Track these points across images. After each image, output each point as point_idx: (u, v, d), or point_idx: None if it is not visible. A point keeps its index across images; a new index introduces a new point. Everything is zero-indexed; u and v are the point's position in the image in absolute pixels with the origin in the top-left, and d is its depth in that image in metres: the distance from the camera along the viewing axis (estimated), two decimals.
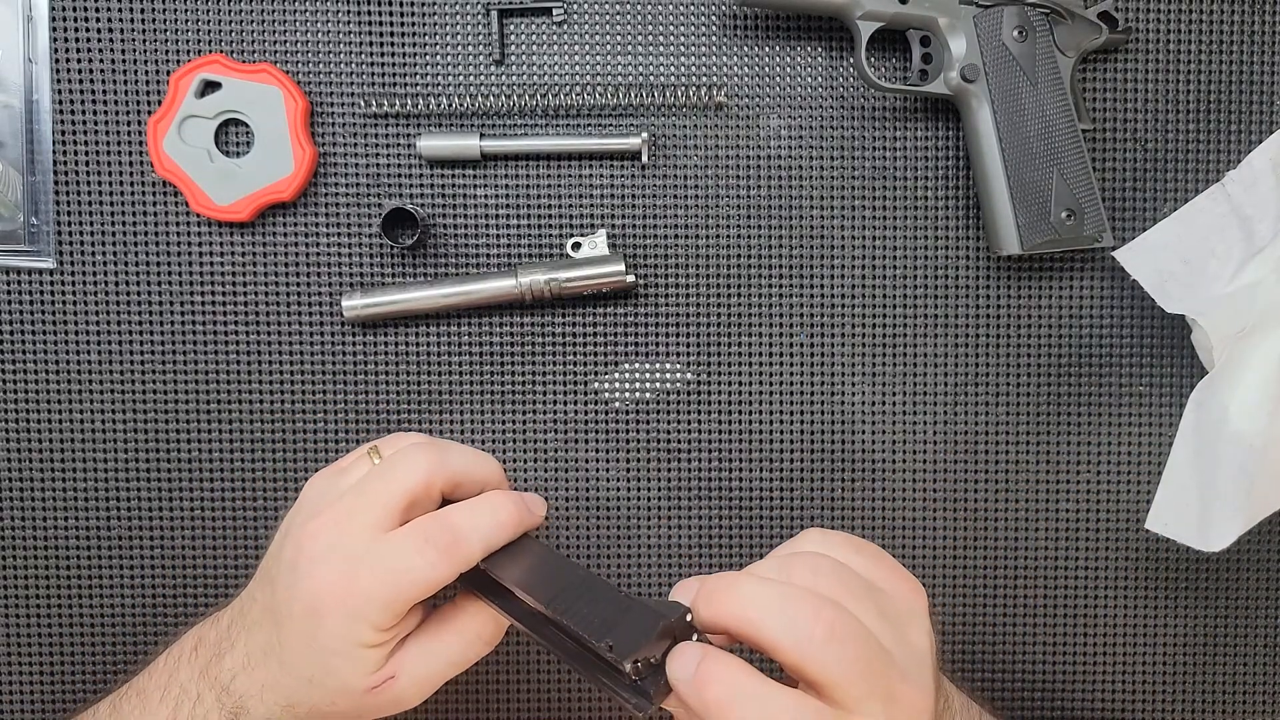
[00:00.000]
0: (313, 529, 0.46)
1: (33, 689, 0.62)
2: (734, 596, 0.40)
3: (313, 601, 0.45)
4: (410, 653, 0.47)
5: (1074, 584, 0.62)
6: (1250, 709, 0.63)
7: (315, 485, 0.49)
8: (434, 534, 0.45)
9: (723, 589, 0.41)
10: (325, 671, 0.46)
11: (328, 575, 0.45)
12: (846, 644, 0.40)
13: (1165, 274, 0.57)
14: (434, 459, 0.47)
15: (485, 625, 0.49)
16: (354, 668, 0.46)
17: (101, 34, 0.59)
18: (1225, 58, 0.61)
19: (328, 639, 0.45)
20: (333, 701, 0.47)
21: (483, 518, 0.47)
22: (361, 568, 0.45)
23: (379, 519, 0.46)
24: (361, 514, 0.46)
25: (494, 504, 0.48)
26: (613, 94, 0.59)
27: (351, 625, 0.45)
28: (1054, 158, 0.57)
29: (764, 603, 0.40)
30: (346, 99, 0.60)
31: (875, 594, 0.43)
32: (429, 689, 0.48)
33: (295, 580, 0.46)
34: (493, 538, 0.47)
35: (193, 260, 0.60)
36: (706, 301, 0.61)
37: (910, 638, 0.43)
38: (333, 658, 0.45)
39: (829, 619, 0.40)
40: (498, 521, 0.47)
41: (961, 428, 0.62)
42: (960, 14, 0.57)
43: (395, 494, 0.46)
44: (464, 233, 0.61)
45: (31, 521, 0.61)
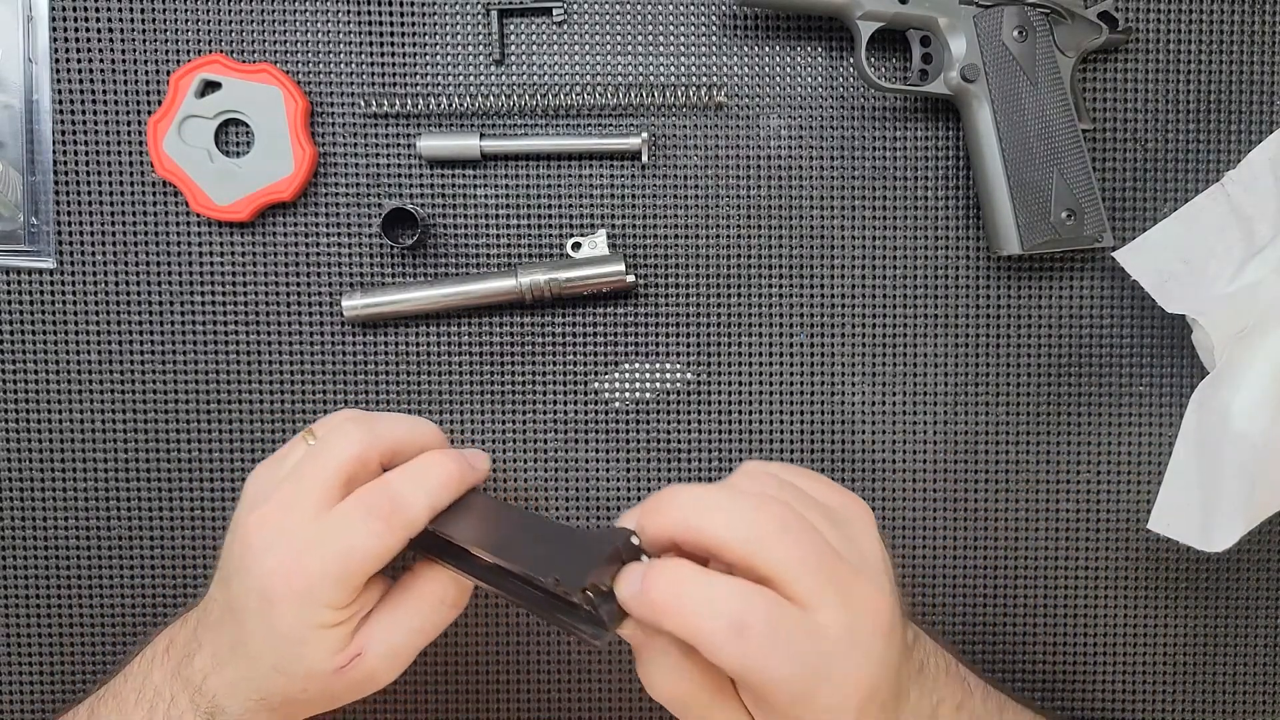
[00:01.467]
0: (255, 520, 0.46)
1: (32, 689, 0.62)
2: (677, 503, 0.40)
3: (264, 590, 0.45)
4: (374, 627, 0.47)
5: (1074, 584, 0.62)
6: (1251, 709, 0.63)
7: (257, 477, 0.49)
8: (374, 503, 0.45)
9: (665, 499, 0.40)
10: (289, 658, 0.45)
11: (275, 562, 0.45)
12: (797, 535, 0.39)
13: (1165, 274, 0.57)
14: (365, 430, 0.47)
15: (446, 589, 0.48)
16: (317, 650, 0.45)
17: (101, 34, 0.59)
18: (1225, 58, 0.61)
19: (285, 625, 0.45)
20: (303, 688, 0.46)
21: (423, 479, 0.46)
22: (307, 549, 0.44)
23: (319, 499, 0.45)
24: (301, 497, 0.45)
25: (433, 464, 0.47)
26: (613, 94, 0.59)
27: (305, 608, 0.44)
28: (1054, 158, 0.57)
29: (709, 503, 0.39)
30: (346, 99, 0.60)
31: (821, 506, 0.42)
32: (400, 662, 0.47)
33: (245, 573, 0.45)
34: (436, 498, 0.46)
35: (193, 260, 0.60)
36: (706, 301, 0.61)
37: (861, 545, 0.42)
38: (294, 644, 0.45)
39: (778, 513, 0.39)
40: (439, 481, 0.46)
41: (961, 428, 0.62)
42: (960, 14, 0.57)
43: (331, 472, 0.46)
44: (464, 233, 0.61)
45: (31, 521, 0.61)
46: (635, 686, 0.62)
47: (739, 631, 0.37)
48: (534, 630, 0.62)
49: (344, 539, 0.44)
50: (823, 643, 0.38)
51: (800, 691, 0.38)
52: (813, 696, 0.38)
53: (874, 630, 0.40)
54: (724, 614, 0.37)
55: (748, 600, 0.37)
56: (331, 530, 0.45)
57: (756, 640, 0.37)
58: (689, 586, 0.38)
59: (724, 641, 0.37)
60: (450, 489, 0.47)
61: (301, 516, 0.45)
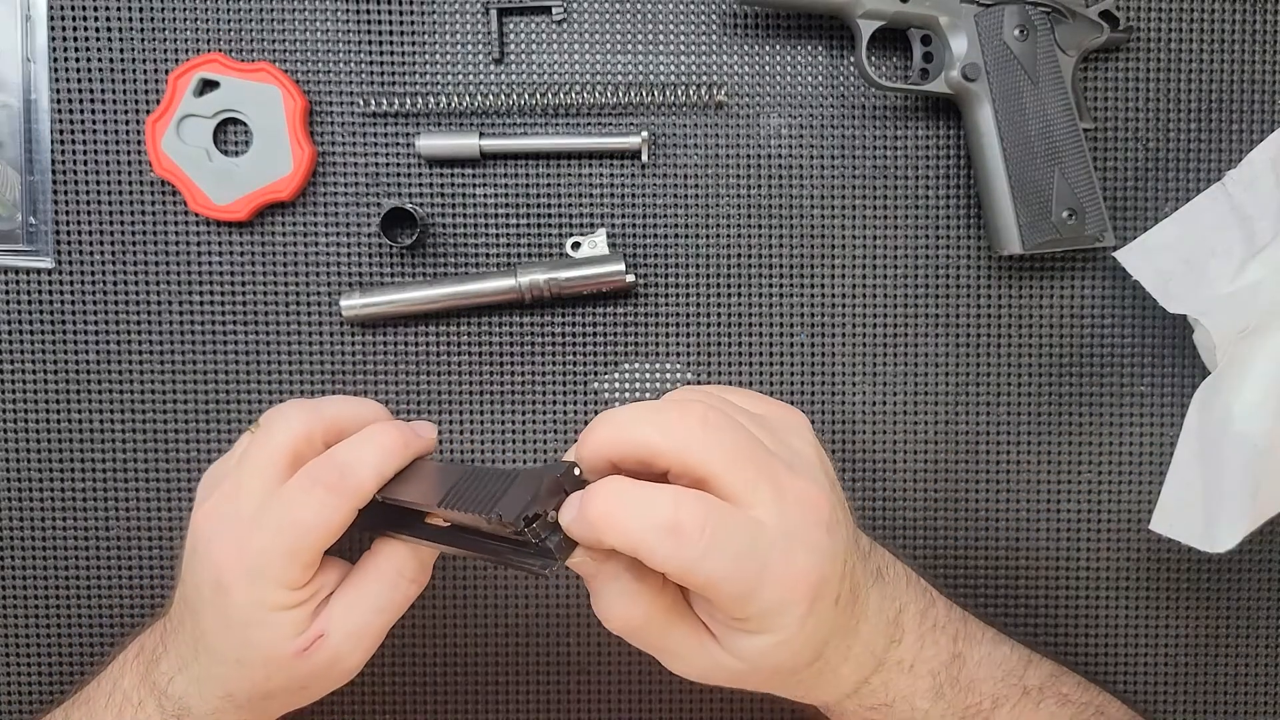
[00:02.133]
0: (204, 511, 0.46)
1: (32, 689, 0.61)
2: (609, 422, 0.40)
3: (215, 576, 0.44)
4: (335, 608, 0.46)
5: (1075, 584, 0.62)
6: (1252, 710, 0.63)
7: (208, 474, 0.49)
8: (320, 474, 0.44)
9: (598, 421, 0.41)
10: (247, 645, 0.45)
11: (224, 546, 0.44)
12: (724, 431, 0.40)
13: (1166, 274, 0.57)
14: (307, 410, 0.47)
15: (405, 562, 0.47)
16: (275, 634, 0.45)
17: (100, 33, 0.59)
18: (1226, 57, 0.61)
19: (239, 610, 0.44)
20: (266, 676, 0.46)
21: (367, 448, 0.46)
22: (255, 528, 0.44)
23: (265, 482, 0.45)
24: (246, 482, 0.45)
25: (376, 432, 0.46)
26: (613, 93, 0.59)
27: (258, 588, 0.44)
28: (1055, 157, 0.57)
29: (637, 417, 0.40)
30: (346, 98, 0.60)
31: (751, 413, 0.43)
32: (366, 644, 0.47)
33: (197, 565, 0.45)
34: (382, 465, 0.45)
35: (191, 260, 0.60)
36: (706, 301, 0.61)
37: (794, 445, 0.43)
38: (250, 629, 0.44)
39: (702, 411, 0.40)
40: (384, 449, 0.46)
41: (961, 428, 0.62)
42: (961, 13, 0.56)
43: (275, 453, 0.45)
44: (463, 232, 0.61)
45: (31, 521, 0.61)
46: (634, 686, 0.62)
47: (673, 532, 0.37)
48: (534, 631, 0.62)
49: (292, 513, 0.44)
50: (759, 538, 0.39)
51: (742, 589, 0.38)
52: (756, 593, 0.39)
53: (814, 522, 0.40)
54: (658, 517, 0.38)
55: (680, 502, 0.38)
56: (278, 506, 0.44)
57: (690, 539, 0.37)
58: (623, 498, 0.39)
59: (659, 543, 0.37)
60: (396, 455, 0.46)
61: (248, 500, 0.45)
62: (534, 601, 0.62)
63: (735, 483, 0.39)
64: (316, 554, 0.45)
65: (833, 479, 0.44)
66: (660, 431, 0.39)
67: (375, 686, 0.61)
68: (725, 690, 0.62)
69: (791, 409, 0.45)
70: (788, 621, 0.40)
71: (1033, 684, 0.51)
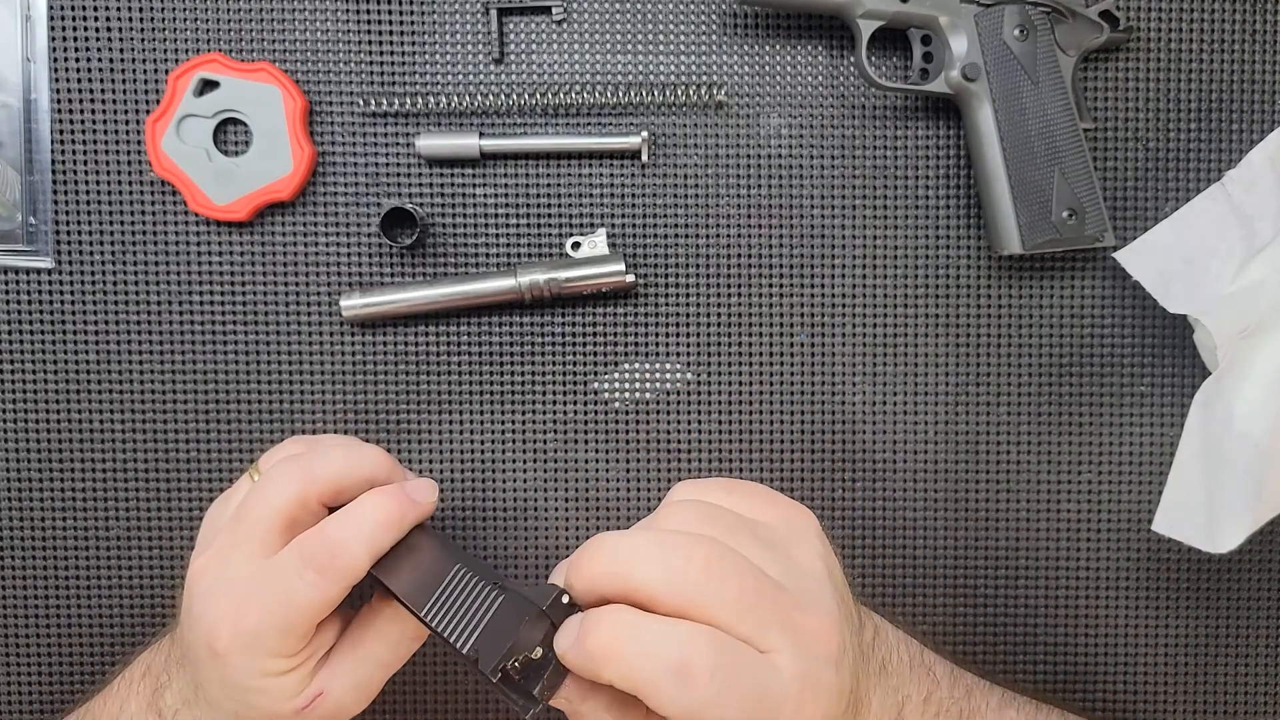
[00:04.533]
0: (198, 567, 0.46)
1: (32, 689, 0.61)
2: (602, 554, 0.38)
3: (210, 641, 0.44)
4: (335, 667, 0.46)
5: (1075, 585, 0.62)
6: (1253, 710, 0.63)
7: (209, 517, 0.48)
8: (312, 553, 0.44)
9: (591, 550, 0.38)
10: (247, 705, 0.45)
11: (217, 613, 0.44)
12: (726, 579, 0.37)
13: (1167, 274, 0.57)
14: (302, 473, 0.46)
15: (406, 625, 0.47)
16: (273, 697, 0.44)
17: (100, 33, 0.59)
18: (1226, 57, 0.61)
19: (235, 675, 0.44)
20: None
21: (360, 524, 0.44)
22: (248, 599, 0.44)
23: (258, 546, 0.44)
24: (240, 544, 0.45)
25: (370, 507, 0.45)
26: (613, 93, 0.59)
27: (253, 659, 0.44)
28: (1055, 157, 0.57)
29: (633, 552, 0.37)
30: (345, 98, 0.60)
31: (751, 525, 0.40)
32: (367, 695, 0.47)
33: (193, 623, 0.45)
34: (376, 543, 0.44)
35: (191, 260, 0.60)
36: (706, 301, 0.61)
37: (799, 560, 0.40)
38: (248, 693, 0.44)
39: (703, 555, 0.37)
40: (377, 524, 0.45)
41: (961, 428, 0.62)
42: (961, 13, 0.56)
43: (269, 518, 0.45)
44: (463, 232, 0.61)
45: (30, 521, 0.61)
46: None
47: (682, 674, 0.35)
48: None
49: (282, 589, 0.43)
50: (773, 684, 0.36)
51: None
52: None
53: (824, 661, 0.38)
54: (667, 657, 0.35)
55: (691, 641, 0.36)
56: (270, 580, 0.44)
57: (700, 683, 0.35)
58: (628, 631, 0.36)
59: (665, 686, 0.35)
60: (390, 531, 0.45)
61: (241, 564, 0.44)
62: None
63: (746, 630, 0.37)
64: (310, 628, 0.44)
65: (841, 589, 0.42)
66: (659, 578, 0.37)
67: None
68: None
69: (799, 510, 0.43)
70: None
71: None
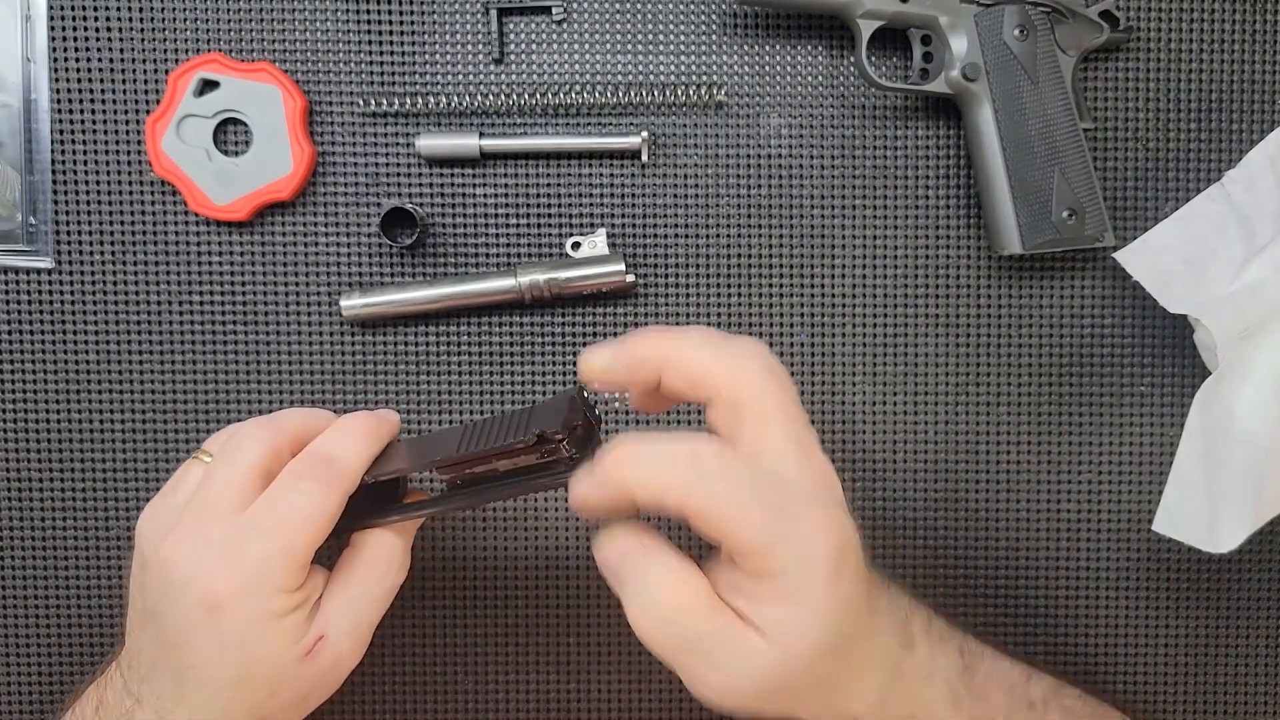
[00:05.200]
0: (170, 544, 0.44)
1: (32, 689, 0.61)
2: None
3: (206, 599, 0.43)
4: (330, 606, 0.46)
5: (1075, 585, 0.62)
6: (1253, 710, 0.63)
7: (151, 514, 0.47)
8: (304, 468, 0.44)
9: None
10: (250, 663, 0.44)
11: (211, 568, 0.43)
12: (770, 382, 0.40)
13: (1167, 274, 0.57)
14: (268, 427, 0.46)
15: (392, 549, 0.47)
16: (277, 644, 0.44)
17: (100, 33, 0.59)
18: (1226, 57, 0.61)
19: (238, 627, 0.43)
20: (271, 692, 0.45)
21: (347, 436, 0.46)
22: (243, 539, 0.43)
23: (236, 499, 0.44)
24: (217, 503, 0.44)
25: (349, 422, 0.47)
26: (613, 93, 0.59)
27: (257, 598, 0.43)
28: (1055, 157, 0.57)
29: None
30: (345, 98, 0.60)
31: None
32: (361, 640, 0.47)
33: (178, 595, 0.43)
34: (364, 450, 0.46)
35: (191, 260, 0.60)
36: (706, 301, 0.61)
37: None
38: (252, 644, 0.44)
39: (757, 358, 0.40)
40: (362, 435, 0.46)
41: (961, 428, 0.62)
42: (961, 13, 0.56)
43: (244, 470, 0.45)
44: (463, 232, 0.61)
45: (31, 521, 0.61)
46: (635, 686, 0.62)
47: (692, 460, 0.37)
48: (534, 630, 0.62)
49: (282, 511, 0.43)
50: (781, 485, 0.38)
51: (766, 536, 0.37)
52: (780, 544, 0.38)
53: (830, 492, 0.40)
54: (677, 448, 0.38)
55: (698, 440, 0.38)
56: (265, 509, 0.44)
57: (709, 468, 0.37)
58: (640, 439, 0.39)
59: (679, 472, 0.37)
60: (373, 439, 0.46)
61: (223, 521, 0.44)
62: (534, 600, 0.62)
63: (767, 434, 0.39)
64: (310, 551, 0.44)
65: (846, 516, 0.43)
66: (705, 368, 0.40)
67: (375, 686, 0.61)
68: None
69: None
70: (816, 585, 0.38)
71: (1037, 697, 0.51)
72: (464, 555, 0.61)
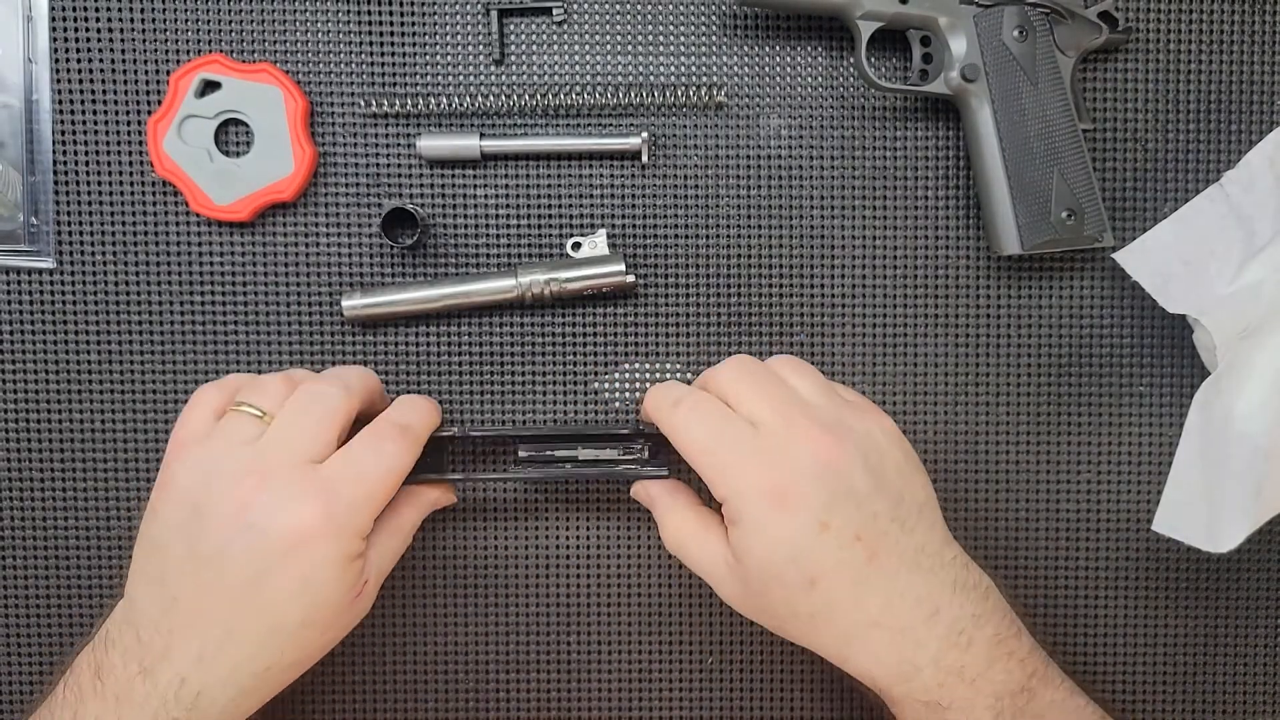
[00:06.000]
0: (253, 485, 0.47)
1: (32, 690, 0.61)
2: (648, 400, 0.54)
3: (294, 536, 0.46)
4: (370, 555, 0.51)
5: (1074, 584, 0.62)
6: (1252, 710, 0.63)
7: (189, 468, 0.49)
8: (384, 430, 0.51)
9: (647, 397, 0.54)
10: (322, 603, 0.48)
11: (302, 506, 0.47)
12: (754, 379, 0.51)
13: (1166, 275, 0.57)
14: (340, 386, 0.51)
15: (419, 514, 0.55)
16: (345, 583, 0.48)
17: (101, 34, 0.59)
18: (1225, 58, 0.61)
19: (319, 566, 0.47)
20: (323, 632, 0.49)
21: (411, 408, 0.53)
22: (335, 484, 0.48)
23: (317, 452, 0.49)
24: (299, 453, 0.48)
25: (411, 398, 0.55)
26: (613, 94, 0.59)
27: (342, 541, 0.47)
28: (1054, 157, 0.57)
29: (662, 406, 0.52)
30: (346, 99, 0.60)
31: None
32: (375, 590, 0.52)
33: (259, 536, 0.46)
34: (427, 419, 0.53)
35: (192, 260, 0.60)
36: (706, 301, 0.61)
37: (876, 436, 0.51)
38: (327, 585, 0.47)
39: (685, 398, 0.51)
40: (421, 409, 0.54)
41: (961, 428, 0.62)
42: (960, 14, 0.57)
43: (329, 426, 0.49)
44: (464, 233, 0.61)
45: (31, 521, 0.61)
46: (635, 686, 0.62)
47: (675, 402, 0.51)
48: (534, 629, 0.62)
49: (367, 465, 0.49)
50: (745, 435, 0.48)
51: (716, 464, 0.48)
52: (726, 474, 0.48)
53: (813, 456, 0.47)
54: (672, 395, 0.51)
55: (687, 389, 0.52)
56: (350, 463, 0.49)
57: (684, 409, 0.50)
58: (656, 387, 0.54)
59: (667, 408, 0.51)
60: (432, 414, 0.54)
61: (304, 467, 0.48)
62: (534, 600, 0.62)
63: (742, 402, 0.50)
64: (386, 501, 0.50)
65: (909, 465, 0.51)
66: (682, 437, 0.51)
67: (375, 685, 0.62)
68: (733, 682, 0.62)
69: None
70: (754, 512, 0.47)
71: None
72: (464, 555, 0.61)
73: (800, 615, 0.48)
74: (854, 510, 0.47)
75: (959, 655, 0.48)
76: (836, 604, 0.48)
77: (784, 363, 0.53)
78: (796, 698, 0.62)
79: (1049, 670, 0.51)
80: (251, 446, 0.48)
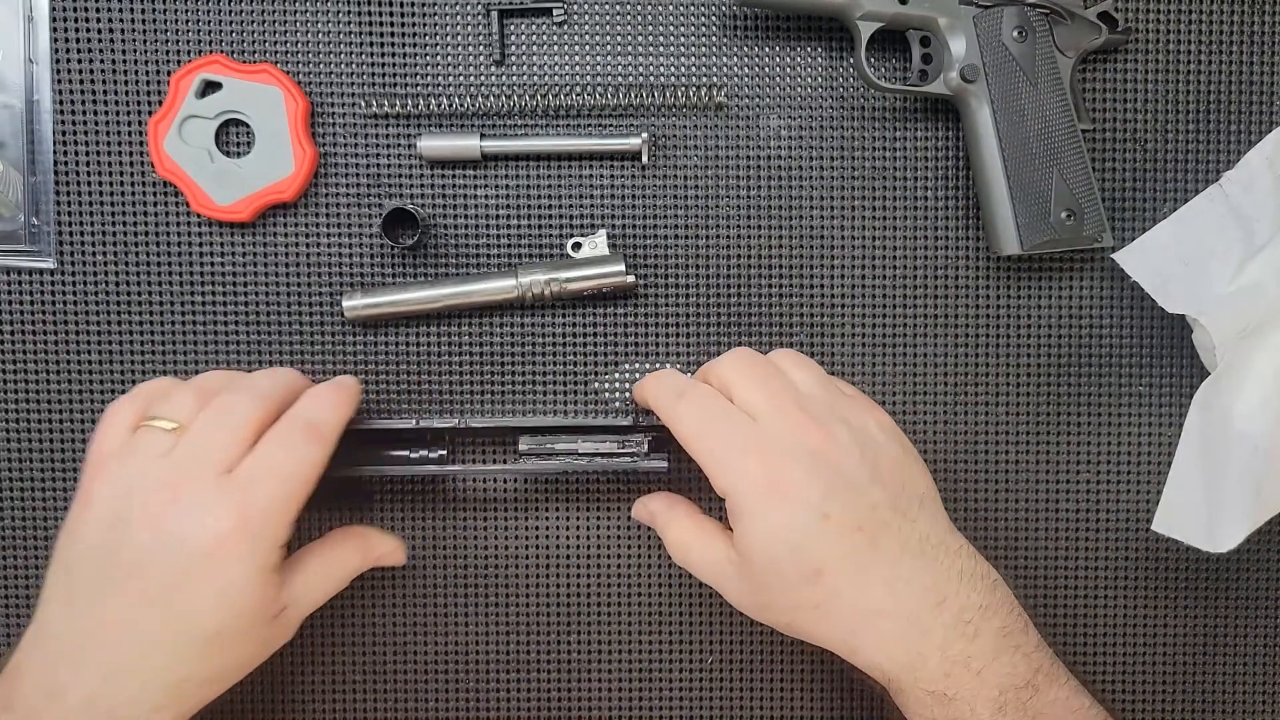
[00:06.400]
0: (168, 496, 0.47)
1: None
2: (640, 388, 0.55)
3: (212, 543, 0.46)
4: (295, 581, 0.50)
5: (1074, 584, 0.62)
6: (1252, 710, 0.63)
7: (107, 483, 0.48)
8: (291, 429, 0.49)
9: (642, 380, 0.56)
10: (238, 614, 0.47)
11: (217, 515, 0.46)
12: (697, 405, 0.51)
13: (1165, 275, 0.57)
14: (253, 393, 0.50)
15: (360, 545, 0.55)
16: (262, 596, 0.48)
17: (102, 34, 0.59)
18: (1225, 58, 0.61)
19: (234, 575, 0.47)
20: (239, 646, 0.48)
21: (320, 400, 0.51)
22: (247, 489, 0.47)
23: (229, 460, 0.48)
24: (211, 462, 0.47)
25: (323, 387, 0.53)
26: (613, 94, 0.59)
27: (257, 550, 0.47)
28: (1054, 158, 0.57)
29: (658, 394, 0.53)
30: (347, 99, 0.60)
31: None
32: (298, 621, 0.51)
33: (177, 545, 0.46)
34: (340, 410, 0.52)
35: (193, 260, 0.60)
36: (706, 301, 0.61)
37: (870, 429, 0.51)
38: (244, 595, 0.47)
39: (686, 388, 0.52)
40: (332, 400, 0.52)
41: (961, 428, 0.62)
42: (960, 14, 0.57)
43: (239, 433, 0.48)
44: (464, 233, 0.61)
45: (31, 521, 0.61)
46: (636, 685, 0.62)
47: (679, 395, 0.51)
48: (533, 629, 0.62)
49: (277, 464, 0.48)
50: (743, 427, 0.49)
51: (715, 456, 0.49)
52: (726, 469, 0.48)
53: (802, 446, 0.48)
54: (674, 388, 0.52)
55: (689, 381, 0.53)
56: (261, 467, 0.48)
57: (686, 401, 0.51)
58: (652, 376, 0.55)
59: (668, 399, 0.51)
60: (345, 404, 0.52)
61: (217, 475, 0.47)
62: (534, 600, 0.62)
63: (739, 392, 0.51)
64: (302, 504, 0.48)
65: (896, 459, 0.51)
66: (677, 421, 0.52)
67: (375, 685, 0.62)
68: (733, 682, 0.62)
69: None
70: (753, 505, 0.47)
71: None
72: (464, 552, 0.62)
73: (805, 607, 0.48)
74: (853, 501, 0.48)
75: (965, 645, 0.48)
76: (842, 594, 0.48)
77: (785, 356, 0.53)
78: (796, 697, 0.62)
79: (1054, 668, 0.51)
80: (166, 459, 0.48)
